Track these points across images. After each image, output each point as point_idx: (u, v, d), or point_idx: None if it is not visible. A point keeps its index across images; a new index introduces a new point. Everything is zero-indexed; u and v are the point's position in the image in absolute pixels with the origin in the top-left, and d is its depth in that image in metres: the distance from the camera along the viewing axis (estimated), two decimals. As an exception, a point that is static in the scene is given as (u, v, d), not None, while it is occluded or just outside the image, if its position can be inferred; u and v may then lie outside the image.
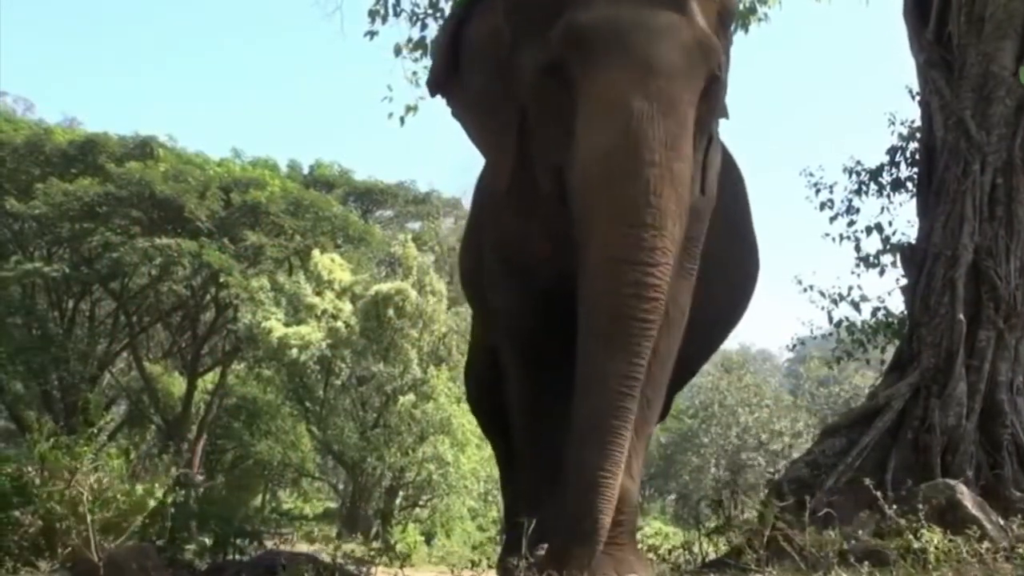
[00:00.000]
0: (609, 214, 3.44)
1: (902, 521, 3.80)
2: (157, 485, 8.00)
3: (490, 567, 5.44)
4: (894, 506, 4.04)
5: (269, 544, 5.47)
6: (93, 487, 5.25)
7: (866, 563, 3.68)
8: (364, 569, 4.35)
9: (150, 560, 4.21)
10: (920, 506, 3.92)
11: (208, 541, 5.49)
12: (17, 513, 8.01)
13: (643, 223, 3.40)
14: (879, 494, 4.08)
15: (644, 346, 3.47)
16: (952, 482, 5.05)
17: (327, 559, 4.48)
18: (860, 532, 4.12)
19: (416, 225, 26.86)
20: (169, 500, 7.75)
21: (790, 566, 3.89)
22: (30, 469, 8.24)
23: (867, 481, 4.36)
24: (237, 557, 4.89)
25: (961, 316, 5.84)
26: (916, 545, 3.63)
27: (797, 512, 4.27)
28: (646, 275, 3.41)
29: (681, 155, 3.53)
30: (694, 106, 3.64)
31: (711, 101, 3.85)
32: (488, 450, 22.27)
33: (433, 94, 4.49)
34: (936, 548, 3.46)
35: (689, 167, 3.62)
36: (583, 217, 3.55)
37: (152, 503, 8.08)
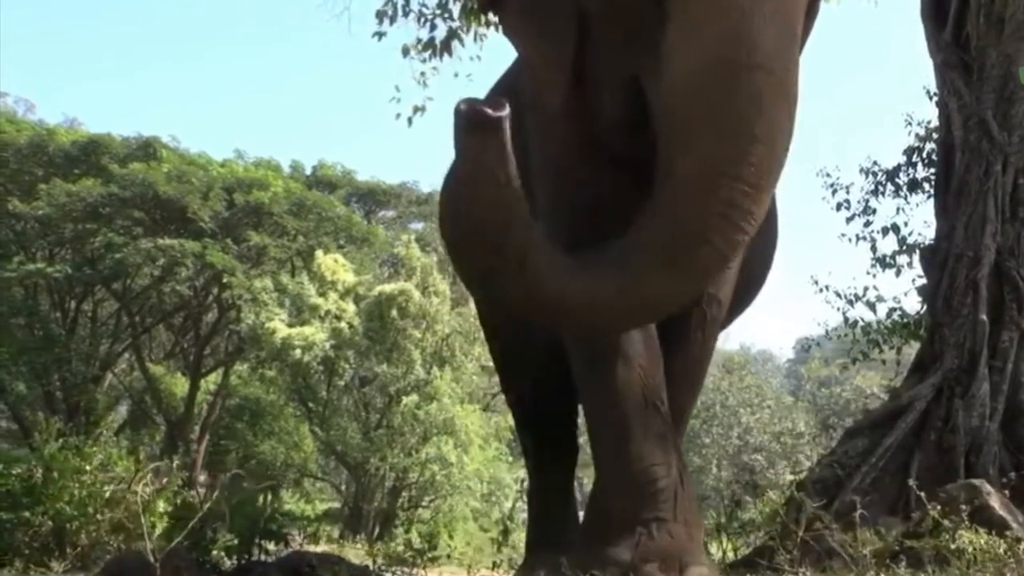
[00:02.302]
0: (710, 124, 2.94)
1: (946, 522, 3.79)
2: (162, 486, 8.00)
3: (511, 567, 5.44)
4: (934, 506, 4.02)
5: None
6: (149, 485, 5.22)
7: (903, 563, 3.68)
8: (406, 570, 4.33)
9: (181, 560, 4.19)
10: (963, 507, 3.91)
11: (223, 539, 5.46)
12: (27, 514, 8.00)
13: (751, 135, 2.92)
14: (922, 495, 4.06)
15: (704, 285, 3.07)
16: (978, 482, 5.03)
17: (355, 560, 4.46)
18: (893, 532, 4.11)
19: (419, 226, 26.87)
20: (179, 501, 7.75)
21: (826, 566, 3.89)
22: (39, 470, 8.23)
23: (910, 482, 4.35)
24: (263, 557, 4.87)
25: (984, 317, 5.84)
26: (953, 546, 3.63)
27: (823, 513, 4.26)
28: (744, 196, 2.91)
29: (793, 64, 3.09)
30: (804, 15, 3.19)
31: (810, 21, 3.39)
32: (491, 451, 22.32)
33: (485, 10, 4.19)
34: (977, 549, 3.46)
35: (798, 80, 3.14)
36: (675, 130, 3.05)
37: (162, 504, 8.07)
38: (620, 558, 3.46)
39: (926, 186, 8.29)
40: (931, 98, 7.79)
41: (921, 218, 10.32)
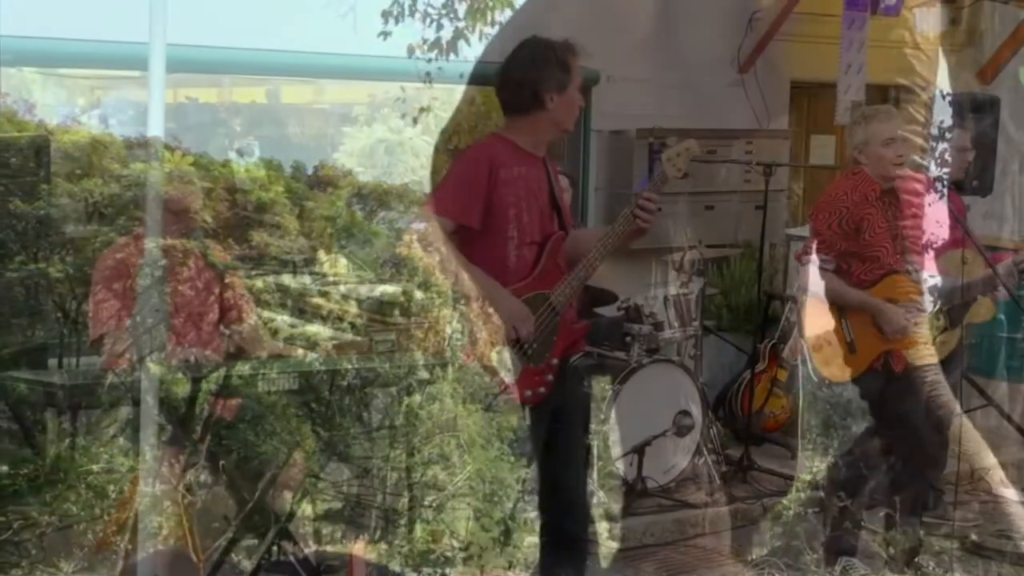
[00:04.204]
0: None
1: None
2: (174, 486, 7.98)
3: (527, 567, 5.41)
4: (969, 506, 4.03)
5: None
6: (188, 483, 5.19)
7: (932, 564, 3.67)
8: (432, 571, 4.30)
9: (213, 562, 4.15)
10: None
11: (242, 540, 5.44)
12: (34, 514, 8.01)
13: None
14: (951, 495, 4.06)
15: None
16: (1000, 483, 5.04)
17: (374, 560, 4.43)
18: (921, 532, 4.11)
19: (421, 226, 26.83)
20: (186, 501, 7.73)
21: (853, 565, 3.88)
22: (44, 471, 8.24)
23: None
24: (281, 558, 4.84)
25: (1002, 316, 5.84)
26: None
27: (854, 511, 4.26)
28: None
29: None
30: None
31: None
32: (492, 451, 22.37)
33: None
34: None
35: None
36: None
37: (168, 504, 8.08)
38: (645, 571, 3.45)
39: (939, 186, 8.27)
40: (944, 98, 7.79)
41: (934, 218, 10.28)
